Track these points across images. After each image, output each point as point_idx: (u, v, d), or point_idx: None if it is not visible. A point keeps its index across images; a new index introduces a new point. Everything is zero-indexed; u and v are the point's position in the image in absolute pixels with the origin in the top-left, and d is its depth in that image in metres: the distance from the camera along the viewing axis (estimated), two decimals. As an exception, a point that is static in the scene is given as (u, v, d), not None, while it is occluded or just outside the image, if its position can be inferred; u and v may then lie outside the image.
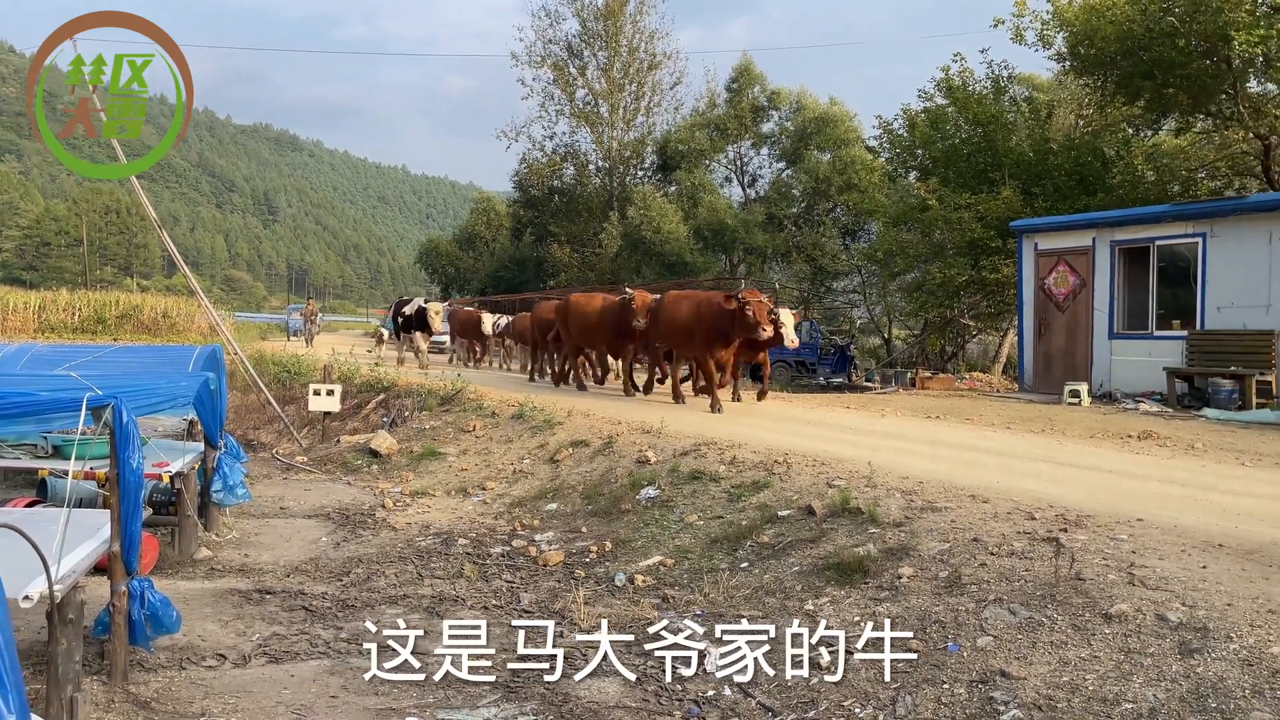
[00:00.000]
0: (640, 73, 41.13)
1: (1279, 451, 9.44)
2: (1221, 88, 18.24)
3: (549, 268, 40.18)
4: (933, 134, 23.86)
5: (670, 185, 39.43)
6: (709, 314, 12.51)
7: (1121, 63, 18.57)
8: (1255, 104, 18.13)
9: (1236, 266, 13.14)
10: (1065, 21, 19.30)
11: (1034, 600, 4.77)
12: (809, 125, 36.80)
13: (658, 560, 7.08)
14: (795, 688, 4.68)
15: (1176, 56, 17.46)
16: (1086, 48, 18.91)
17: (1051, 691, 4.02)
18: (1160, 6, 17.07)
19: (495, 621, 6.17)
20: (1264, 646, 3.87)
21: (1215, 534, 5.65)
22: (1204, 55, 17.54)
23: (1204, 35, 16.85)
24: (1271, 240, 12.78)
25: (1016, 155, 21.99)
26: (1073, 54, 19.75)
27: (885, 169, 29.32)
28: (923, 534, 5.98)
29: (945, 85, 24.16)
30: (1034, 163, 21.75)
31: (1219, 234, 13.43)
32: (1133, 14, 17.46)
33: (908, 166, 26.78)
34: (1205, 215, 13.79)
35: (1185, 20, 16.78)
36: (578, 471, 10.02)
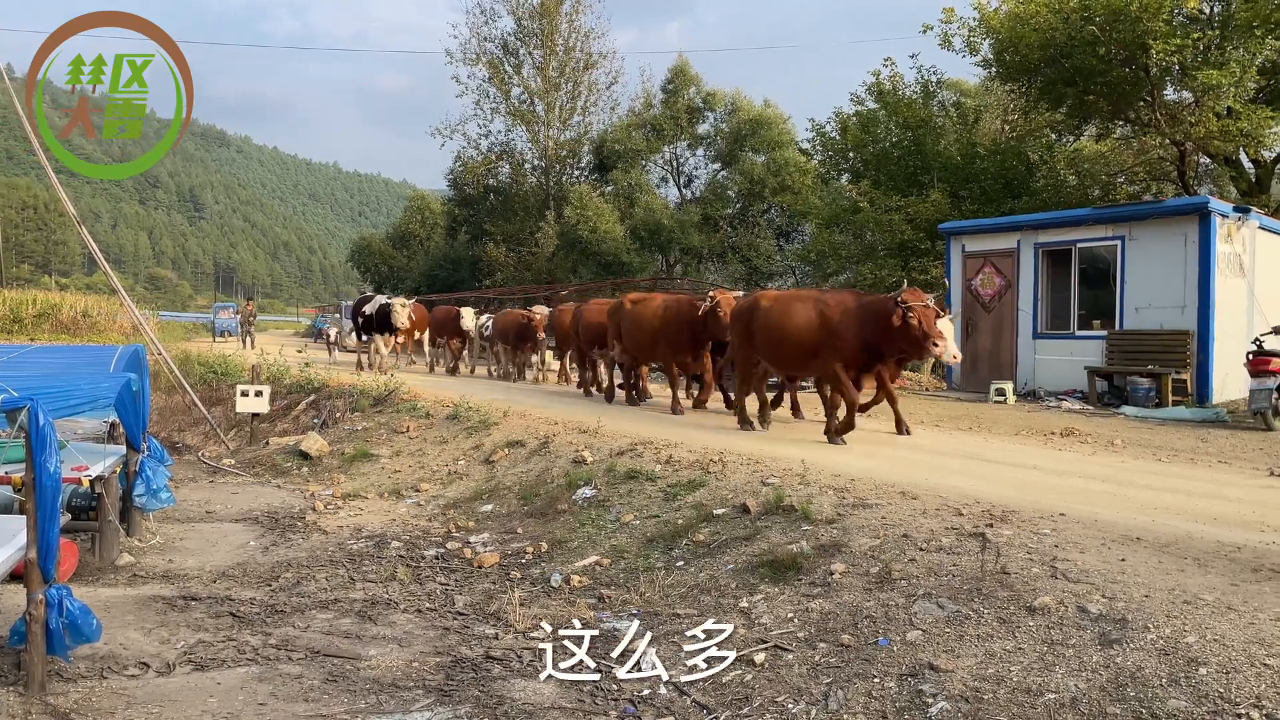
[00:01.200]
0: (576, 72, 41.04)
1: (1193, 448, 9.79)
2: (1140, 95, 18.85)
3: (485, 267, 39.89)
4: (864, 137, 24.25)
5: (607, 185, 39.42)
6: (850, 322, 9.78)
7: (1045, 70, 19.08)
8: (1171, 111, 18.77)
9: (1153, 268, 13.60)
10: (991, 29, 19.76)
11: (961, 594, 4.88)
12: (744, 127, 37.13)
13: (594, 560, 7.08)
14: (730, 685, 4.72)
15: (1097, 64, 18.01)
16: (1011, 55, 19.39)
17: (978, 683, 4.11)
18: (1082, 15, 17.57)
19: (429, 624, 6.11)
20: (1179, 636, 4.00)
21: (1133, 528, 5.84)
22: (1123, 63, 18.11)
23: (1123, 44, 17.39)
24: (1186, 243, 13.25)
25: (945, 159, 22.47)
26: (998, 61, 20.23)
27: (818, 171, 29.70)
28: (854, 531, 6.07)
29: (876, 89, 24.57)
30: (962, 166, 22.24)
31: (1137, 237, 13.88)
32: (1055, 22, 17.94)
33: (840, 169, 27.17)
34: (1124, 219, 14.24)
35: (1105, 29, 17.30)
36: (514, 472, 9.96)
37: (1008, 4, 19.49)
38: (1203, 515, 6.45)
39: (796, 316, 10.17)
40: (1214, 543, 5.51)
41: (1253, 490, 7.63)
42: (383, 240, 53.57)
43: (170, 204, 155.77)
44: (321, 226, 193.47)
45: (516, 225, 40.14)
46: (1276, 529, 6.08)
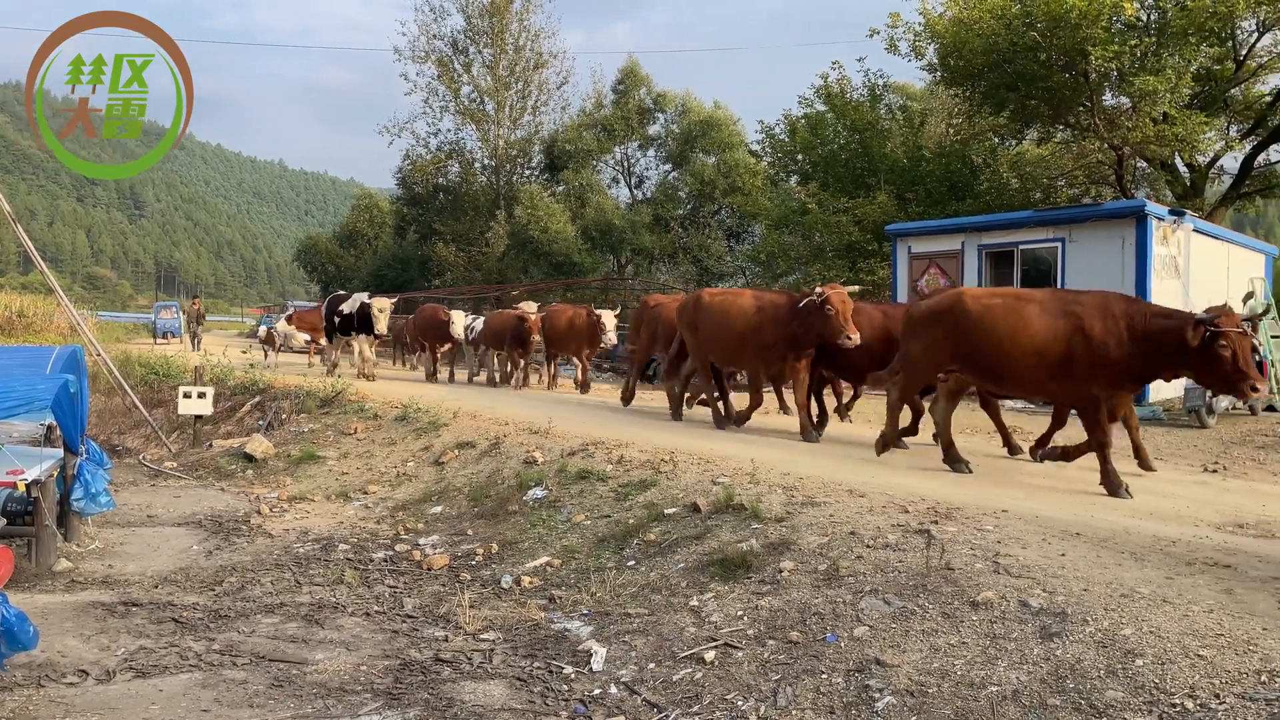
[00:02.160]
0: (527, 71, 40.87)
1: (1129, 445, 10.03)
2: (1079, 100, 19.29)
3: (434, 267, 39.56)
4: (813, 139, 24.49)
5: (558, 185, 39.32)
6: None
7: (988, 74, 19.43)
8: (1110, 116, 19.23)
9: (1093, 270, 13.92)
10: (936, 34, 20.07)
11: (907, 590, 4.95)
12: (694, 128, 37.27)
13: (545, 561, 7.07)
14: (680, 683, 4.74)
15: (1038, 70, 18.39)
16: (956, 59, 19.72)
17: (923, 678, 4.19)
18: (1023, 22, 17.93)
19: (377, 627, 6.06)
20: (1117, 629, 4.11)
21: (1073, 523, 5.98)
22: (1063, 69, 18.52)
23: (1063, 50, 17.79)
24: (1124, 245, 13.59)
25: (891, 161, 22.78)
26: (943, 65, 20.56)
27: (768, 173, 29.95)
28: (803, 529, 6.13)
29: (824, 92, 24.83)
30: (908, 169, 22.57)
31: (1077, 239, 14.20)
32: (998, 28, 18.28)
33: (789, 171, 27.42)
34: (1064, 221, 14.56)
35: (1046, 35, 17.68)
36: (464, 473, 9.90)
37: (952, 9, 19.81)
38: (1140, 511, 6.63)
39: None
40: (1150, 537, 5.67)
41: (1187, 486, 7.86)
42: (329, 239, 52.88)
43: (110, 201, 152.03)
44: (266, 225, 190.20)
45: (466, 225, 39.87)
46: (1210, 524, 6.27)
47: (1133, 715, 3.50)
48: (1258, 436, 9.62)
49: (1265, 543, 5.76)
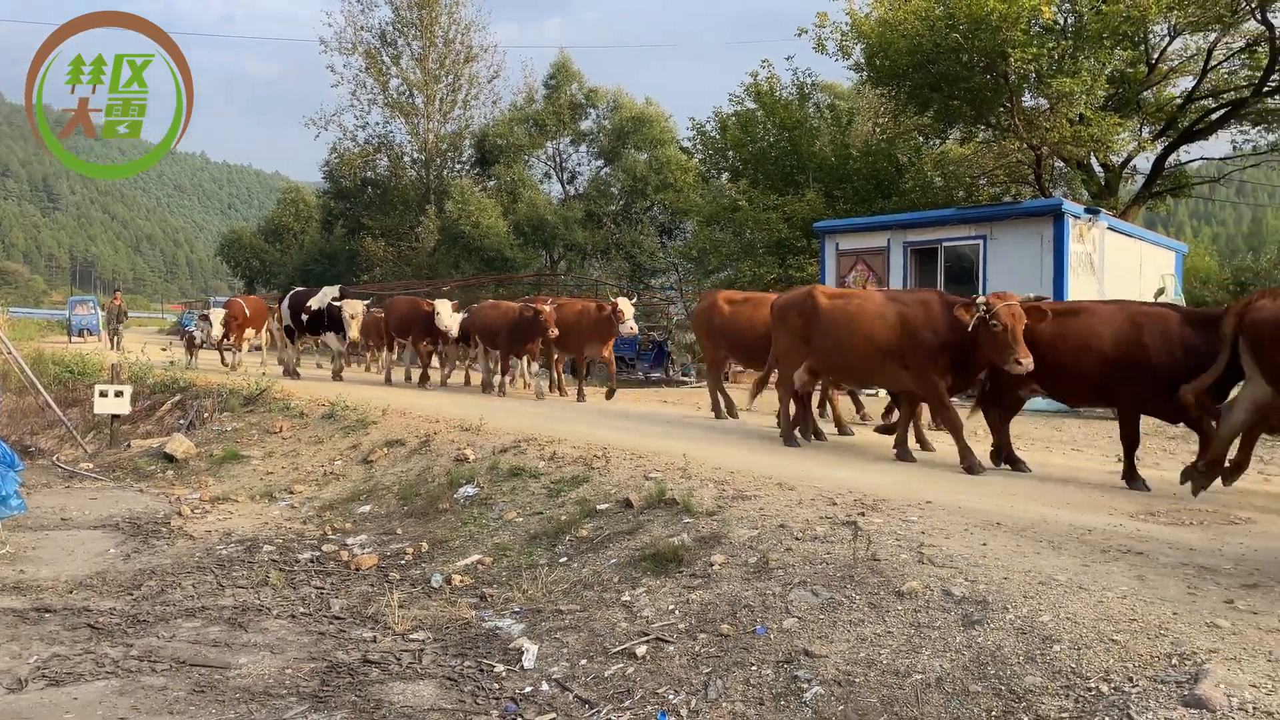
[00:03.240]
0: (457, 64, 40.46)
1: (1048, 437, 10.36)
2: (1000, 101, 19.78)
3: (362, 262, 38.94)
4: (743, 137, 24.71)
5: (489, 180, 39.02)
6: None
7: (913, 75, 19.82)
8: (1029, 117, 19.77)
9: (1013, 266, 14.29)
10: (862, 34, 20.40)
11: (835, 581, 5.03)
12: (626, 124, 37.32)
13: (476, 559, 7.01)
14: (612, 679, 4.75)
15: (961, 71, 18.82)
16: (881, 60, 20.07)
17: (850, 667, 4.26)
18: (946, 24, 18.32)
19: (304, 630, 5.94)
20: (1035, 616, 4.23)
21: (994, 514, 6.14)
22: (985, 70, 18.98)
23: (984, 52, 18.23)
24: (1042, 243, 13.98)
25: (820, 159, 23.10)
26: (869, 65, 20.91)
27: (699, 169, 30.13)
28: (734, 522, 6.19)
29: (754, 90, 25.07)
30: (836, 167, 22.91)
31: (998, 236, 14.56)
32: (922, 29, 18.65)
33: (720, 168, 27.63)
34: (986, 219, 14.93)
35: (968, 37, 18.09)
36: (393, 471, 9.77)
37: (878, 10, 20.15)
38: (1057, 500, 6.83)
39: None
40: (1067, 526, 5.84)
41: (1102, 476, 8.12)
42: (254, 233, 51.74)
43: (21, 194, 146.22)
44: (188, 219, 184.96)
45: (396, 219, 39.34)
46: (1124, 513, 6.49)
47: (1050, 699, 3.60)
48: (1169, 428, 9.96)
49: (1176, 530, 5.98)
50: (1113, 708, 3.39)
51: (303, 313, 17.73)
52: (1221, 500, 7.01)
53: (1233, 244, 61.61)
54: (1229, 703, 3.18)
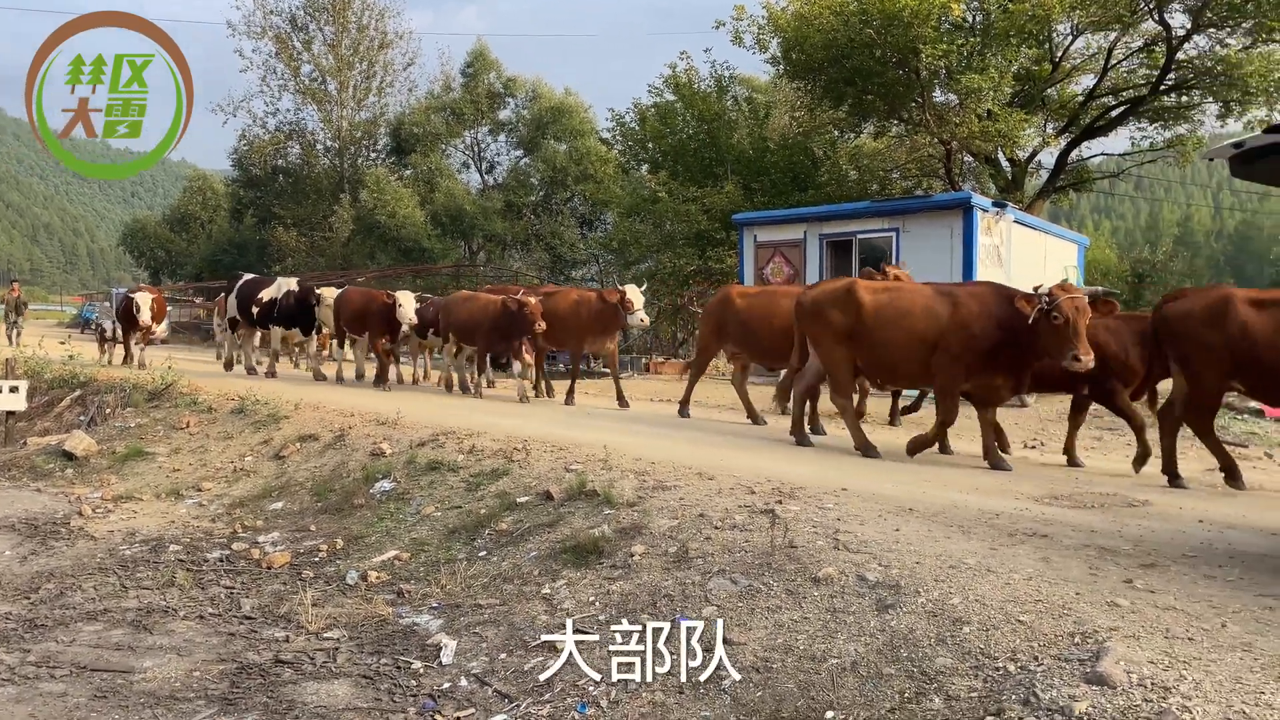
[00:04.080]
0: (371, 51, 39.65)
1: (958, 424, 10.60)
2: (912, 96, 20.24)
3: (274, 252, 37.93)
4: (662, 128, 24.80)
5: (405, 169, 38.39)
6: None
7: (828, 69, 20.14)
8: (940, 112, 20.27)
9: (924, 259, 14.64)
10: (779, 28, 20.64)
11: (753, 569, 5.08)
12: (545, 114, 37.09)
13: (393, 555, 6.89)
14: (532, 672, 4.72)
15: (874, 66, 19.19)
16: (798, 53, 20.34)
17: (768, 653, 4.31)
18: (860, 19, 18.66)
19: (212, 631, 5.77)
20: (946, 599, 4.33)
21: (907, 499, 6.28)
22: (897, 66, 19.38)
23: (897, 48, 18.62)
24: (952, 235, 14.35)
25: (738, 152, 23.33)
26: (786, 59, 21.18)
27: (619, 161, 30.14)
28: (654, 512, 6.20)
29: (673, 82, 25.16)
30: (754, 159, 23.16)
31: (910, 229, 14.90)
32: (837, 24, 18.96)
33: (640, 159, 27.70)
34: (898, 212, 15.27)
35: (881, 33, 18.45)
36: (306, 467, 9.54)
37: (794, 4, 20.41)
38: (967, 486, 7.03)
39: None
40: (976, 511, 6.02)
41: (1010, 461, 8.38)
42: (159, 223, 49.92)
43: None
44: (89, 207, 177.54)
45: (308, 208, 38.41)
46: (1030, 496, 6.71)
47: (960, 680, 3.69)
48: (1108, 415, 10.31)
49: (1079, 513, 6.21)
50: (1019, 686, 3.49)
51: (253, 304, 15.91)
52: (1121, 484, 7.31)
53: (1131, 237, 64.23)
54: (1128, 679, 3.30)
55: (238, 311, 16.39)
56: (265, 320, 15.95)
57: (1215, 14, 19.33)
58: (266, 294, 15.83)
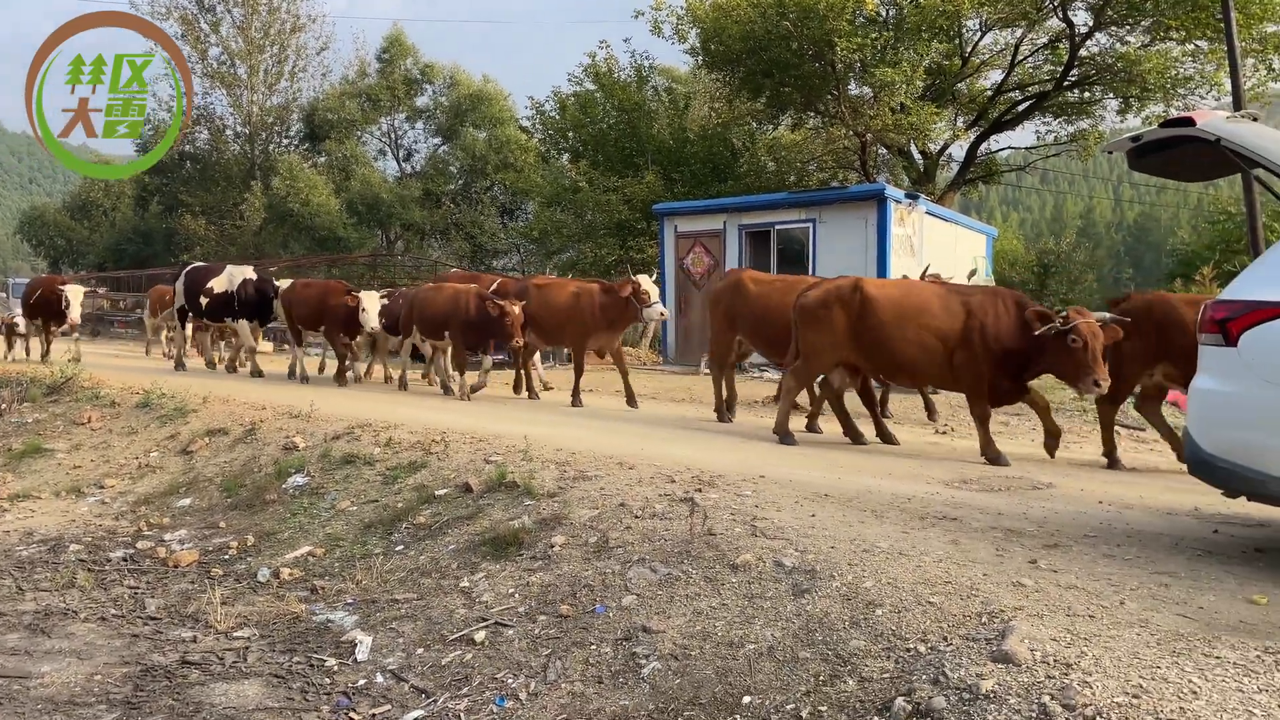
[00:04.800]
0: (283, 34, 38.58)
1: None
2: (828, 89, 20.55)
3: (181, 241, 36.70)
4: (582, 118, 24.70)
5: (320, 156, 37.52)
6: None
7: (746, 61, 20.31)
8: (854, 105, 20.61)
9: (840, 248, 14.90)
10: (697, 19, 20.74)
11: (673, 557, 5.11)
12: (464, 102, 36.62)
13: (306, 551, 6.74)
14: (450, 666, 4.67)
15: (791, 58, 19.43)
16: (716, 45, 20.48)
17: (686, 641, 4.33)
18: (777, 11, 18.85)
19: (115, 633, 5.56)
20: (859, 582, 4.41)
21: (823, 486, 6.38)
22: (813, 59, 19.64)
23: (813, 40, 18.87)
24: (867, 226, 14.63)
25: (658, 142, 23.37)
26: (704, 49, 21.30)
27: (539, 149, 29.93)
28: (575, 503, 6.18)
29: (593, 71, 25.07)
30: (674, 150, 23.24)
31: (826, 220, 15.13)
32: (754, 16, 19.13)
33: (560, 148, 27.55)
34: (815, 203, 15.50)
35: (798, 26, 18.68)
36: (215, 462, 9.26)
37: (712, -5, 20.54)
38: (881, 472, 7.17)
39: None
40: (889, 495, 6.14)
41: (921, 447, 8.59)
42: (59, 210, 47.84)
43: None
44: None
45: (218, 196, 37.26)
46: (940, 480, 6.89)
47: (873, 661, 3.77)
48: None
49: (986, 496, 6.39)
50: (929, 666, 3.58)
51: (201, 295, 14.66)
52: (1027, 468, 7.55)
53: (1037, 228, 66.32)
54: (1032, 656, 3.40)
55: (186, 302, 15.12)
56: (221, 313, 14.80)
57: (1116, 12, 20.05)
58: (216, 284, 14.66)
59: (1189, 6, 18.70)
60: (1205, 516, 5.85)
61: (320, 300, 13.85)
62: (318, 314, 13.92)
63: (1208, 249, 20.42)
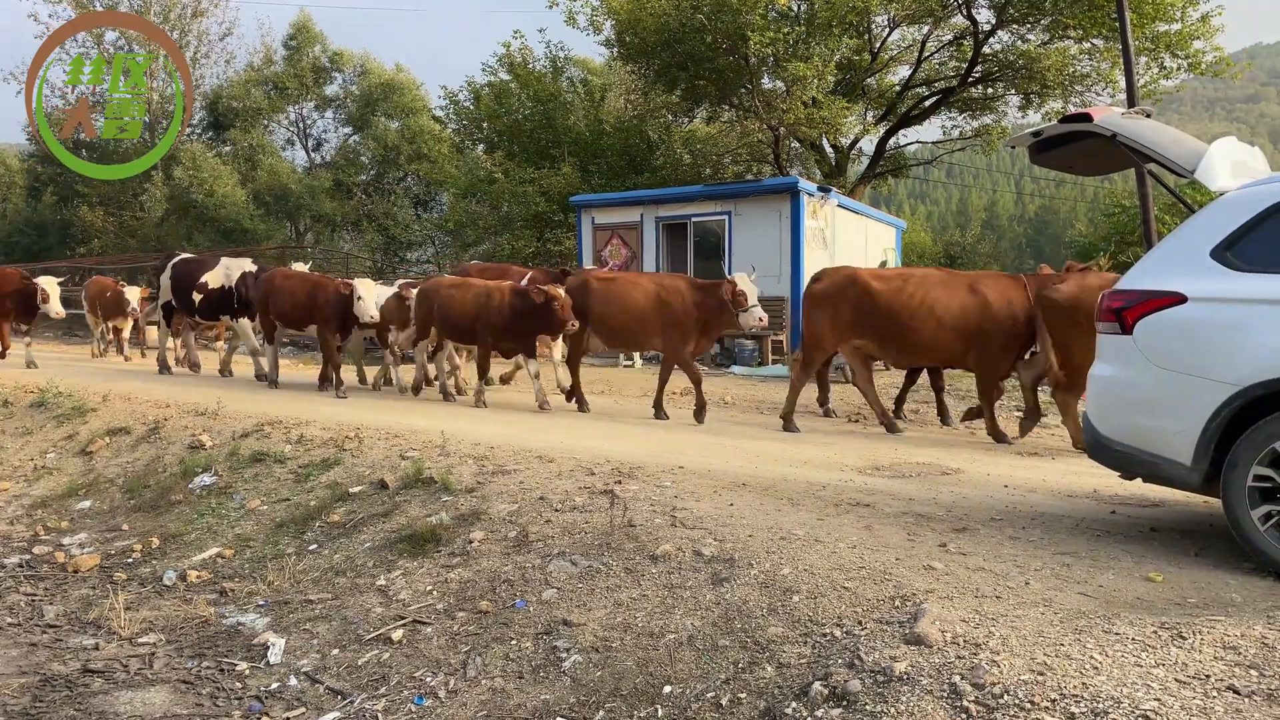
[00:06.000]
0: (184, 19, 37.06)
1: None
2: (742, 82, 20.74)
3: (77, 233, 35.15)
4: (497, 108, 24.45)
5: (224, 145, 36.30)
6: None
7: (661, 53, 20.37)
8: (768, 99, 20.84)
9: (755, 241, 15.07)
10: (612, 10, 20.71)
11: (593, 550, 5.11)
12: (375, 91, 35.87)
13: (215, 552, 6.54)
14: (366, 666, 4.59)
15: (706, 51, 19.55)
16: (631, 36, 20.48)
17: (607, 633, 4.34)
18: (691, 4, 18.95)
19: (11, 642, 5.32)
20: (777, 569, 4.48)
21: (740, 475, 6.46)
22: (728, 52, 19.79)
23: (727, 34, 19.01)
24: (781, 219, 14.83)
25: (575, 134, 23.28)
26: (620, 41, 21.29)
27: (453, 140, 29.53)
28: (494, 497, 6.14)
29: (508, 61, 24.83)
30: (590, 141, 23.17)
31: (741, 212, 15.29)
32: (669, 8, 19.19)
33: (475, 139, 27.23)
34: (730, 196, 15.64)
35: (711, 19, 18.80)
36: (117, 463, 8.92)
37: (627, -13, 20.52)
38: (797, 460, 7.29)
39: None
40: (805, 483, 6.25)
41: (836, 436, 8.76)
42: (-58, 201, 45.32)
43: None
44: None
45: (116, 186, 35.74)
46: (854, 468, 7.03)
47: (790, 647, 3.83)
48: (893, 389, 10.88)
49: (898, 482, 6.55)
50: (845, 650, 3.65)
51: (195, 291, 13.12)
52: (937, 454, 7.76)
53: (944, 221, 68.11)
54: (943, 637, 3.50)
55: (174, 298, 13.62)
56: (218, 310, 13.12)
57: (1017, 10, 20.69)
58: (211, 278, 13.07)
59: (1085, 6, 19.41)
60: (1104, 498, 6.10)
61: (308, 295, 11.86)
62: (305, 311, 11.90)
63: (1104, 240, 21.25)
